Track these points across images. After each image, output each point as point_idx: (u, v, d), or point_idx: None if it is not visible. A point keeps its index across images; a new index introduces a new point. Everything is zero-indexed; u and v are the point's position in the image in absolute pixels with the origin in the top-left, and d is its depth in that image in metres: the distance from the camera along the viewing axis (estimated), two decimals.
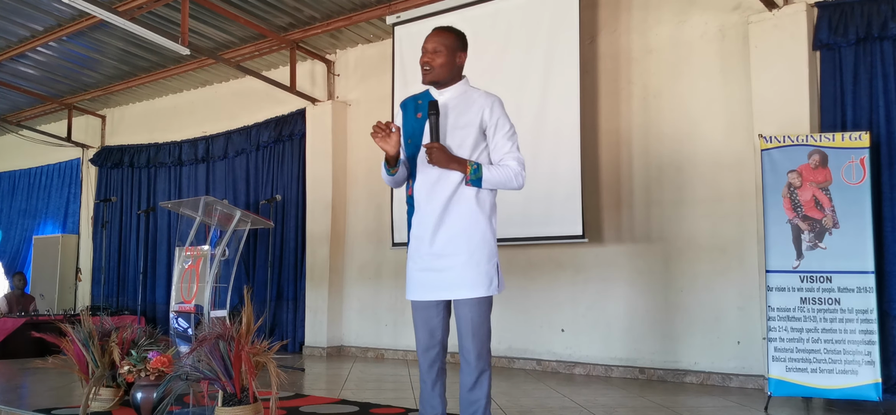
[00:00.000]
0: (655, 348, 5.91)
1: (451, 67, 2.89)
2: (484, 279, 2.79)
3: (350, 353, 7.84)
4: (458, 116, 2.86)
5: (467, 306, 2.79)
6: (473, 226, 2.81)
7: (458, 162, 2.78)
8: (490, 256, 2.83)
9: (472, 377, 2.80)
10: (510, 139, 2.85)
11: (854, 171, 4.55)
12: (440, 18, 6.89)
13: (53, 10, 7.30)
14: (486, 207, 2.85)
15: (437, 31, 2.93)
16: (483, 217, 2.83)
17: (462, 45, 2.93)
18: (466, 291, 2.78)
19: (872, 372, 4.35)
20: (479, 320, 2.81)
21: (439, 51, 2.86)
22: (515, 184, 2.83)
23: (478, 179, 2.78)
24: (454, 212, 2.81)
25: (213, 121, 9.43)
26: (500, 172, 2.81)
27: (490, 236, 2.85)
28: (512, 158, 2.83)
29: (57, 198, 11.30)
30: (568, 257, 6.43)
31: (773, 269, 4.64)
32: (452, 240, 2.80)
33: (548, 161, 6.18)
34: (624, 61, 6.30)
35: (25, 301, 9.18)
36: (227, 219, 3.96)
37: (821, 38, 5.23)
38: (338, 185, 8.03)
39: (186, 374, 3.27)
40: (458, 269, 2.78)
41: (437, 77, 2.88)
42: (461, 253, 2.79)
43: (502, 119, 2.86)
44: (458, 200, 2.81)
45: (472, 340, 2.79)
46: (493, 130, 2.85)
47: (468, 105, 2.88)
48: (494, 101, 2.89)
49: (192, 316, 3.80)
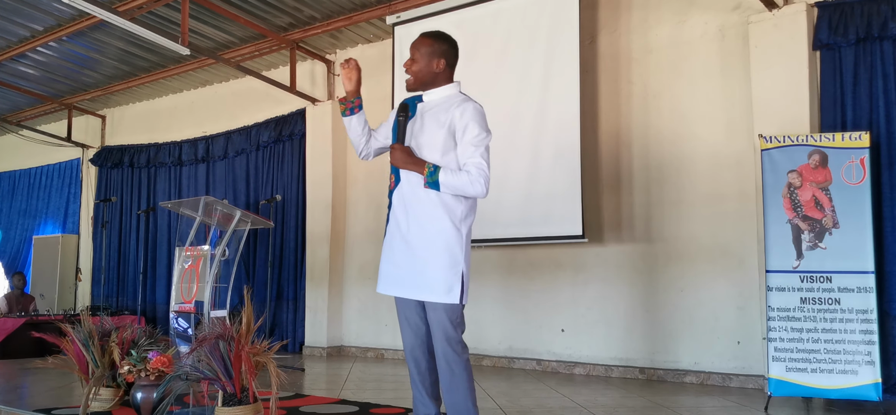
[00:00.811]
0: (656, 348, 5.91)
1: (428, 73, 2.91)
2: (441, 286, 2.78)
3: (350, 353, 7.84)
4: (433, 119, 2.87)
5: (431, 308, 2.83)
6: (437, 231, 2.81)
7: (416, 163, 2.82)
8: (452, 263, 2.79)
9: (446, 379, 2.83)
10: (475, 146, 2.78)
11: (854, 171, 4.55)
12: (440, 18, 6.90)
13: (53, 10, 7.30)
14: (456, 213, 2.82)
15: (418, 38, 2.96)
16: (449, 223, 2.81)
17: (441, 51, 2.91)
18: (425, 294, 2.82)
19: (872, 372, 4.35)
20: (441, 322, 2.81)
21: (415, 58, 2.92)
22: (472, 191, 2.77)
23: (435, 182, 2.78)
24: (419, 214, 2.84)
25: (213, 121, 9.43)
26: (458, 177, 2.77)
27: (454, 243, 2.81)
28: (473, 164, 2.78)
29: (57, 198, 11.30)
30: (568, 257, 6.43)
31: (773, 269, 4.64)
32: (416, 241, 2.83)
33: (548, 161, 6.19)
34: (624, 61, 6.30)
35: (25, 301, 9.18)
36: (227, 219, 3.96)
37: (821, 38, 5.23)
38: (338, 185, 8.03)
39: (186, 374, 3.27)
40: (419, 270, 2.82)
41: (412, 84, 2.94)
42: (423, 255, 2.82)
43: (471, 124, 2.80)
44: (423, 202, 2.83)
45: (437, 341, 2.82)
46: (461, 134, 2.81)
47: (445, 109, 2.88)
48: (467, 107, 2.84)
49: (192, 316, 3.80)
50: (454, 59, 2.96)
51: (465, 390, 2.80)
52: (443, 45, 2.93)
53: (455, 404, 2.81)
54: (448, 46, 2.94)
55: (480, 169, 2.76)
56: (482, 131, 2.81)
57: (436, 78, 2.92)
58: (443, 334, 2.80)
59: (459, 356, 2.80)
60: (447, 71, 2.94)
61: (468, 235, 2.87)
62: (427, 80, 2.92)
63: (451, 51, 2.94)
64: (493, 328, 6.81)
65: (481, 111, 2.87)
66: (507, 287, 6.77)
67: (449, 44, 2.95)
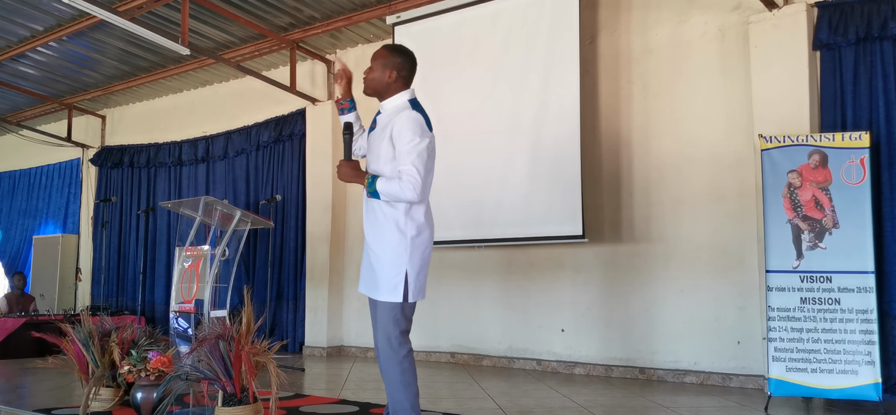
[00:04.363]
0: (656, 348, 5.91)
1: (380, 82, 3.05)
2: (385, 285, 2.96)
3: (350, 353, 7.84)
4: (382, 130, 3.03)
5: (374, 305, 3.03)
6: (384, 234, 2.98)
7: (358, 176, 3.02)
8: (394, 263, 2.95)
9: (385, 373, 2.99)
10: (407, 152, 2.89)
11: (854, 171, 4.55)
12: (440, 18, 6.91)
13: (53, 10, 7.30)
14: (399, 218, 2.96)
15: (378, 49, 3.13)
16: (393, 226, 2.96)
17: (395, 64, 3.05)
18: (372, 292, 3.02)
19: (872, 372, 4.35)
20: (379, 319, 2.98)
21: (372, 67, 3.09)
22: (403, 196, 2.90)
23: (374, 191, 2.96)
24: (371, 219, 3.04)
25: (213, 121, 9.43)
26: (390, 184, 2.91)
27: (397, 245, 2.95)
28: (404, 171, 2.90)
29: (57, 198, 11.30)
30: (568, 257, 6.43)
31: (773, 269, 4.64)
32: (371, 243, 3.04)
33: (548, 161, 6.19)
34: (624, 61, 6.30)
35: (25, 301, 9.18)
36: (227, 219, 3.96)
37: (821, 38, 5.23)
38: (338, 185, 8.02)
39: (186, 374, 3.27)
40: (373, 272, 3.01)
41: (365, 90, 3.10)
42: (375, 258, 3.01)
43: (405, 132, 2.91)
44: (372, 208, 3.02)
45: (377, 337, 3.00)
46: (397, 141, 2.94)
47: (390, 119, 3.01)
48: (403, 116, 2.96)
49: (192, 316, 3.80)
50: (409, 72, 3.09)
51: (400, 385, 2.93)
52: (397, 58, 3.07)
53: (391, 396, 2.96)
54: (402, 59, 3.08)
55: (410, 176, 2.88)
56: (415, 137, 2.91)
57: (388, 87, 3.06)
58: (382, 330, 2.96)
59: (396, 352, 2.94)
60: (400, 82, 3.07)
61: (416, 236, 2.98)
62: (380, 88, 3.07)
63: (404, 64, 3.07)
64: (493, 328, 6.81)
65: (416, 118, 2.97)
66: (507, 287, 6.77)
67: (404, 57, 3.09)
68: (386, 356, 2.94)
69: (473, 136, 6.57)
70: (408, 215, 2.96)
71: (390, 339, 2.94)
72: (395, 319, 2.95)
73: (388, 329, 2.94)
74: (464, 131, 6.56)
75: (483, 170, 6.54)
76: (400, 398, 2.92)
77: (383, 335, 2.95)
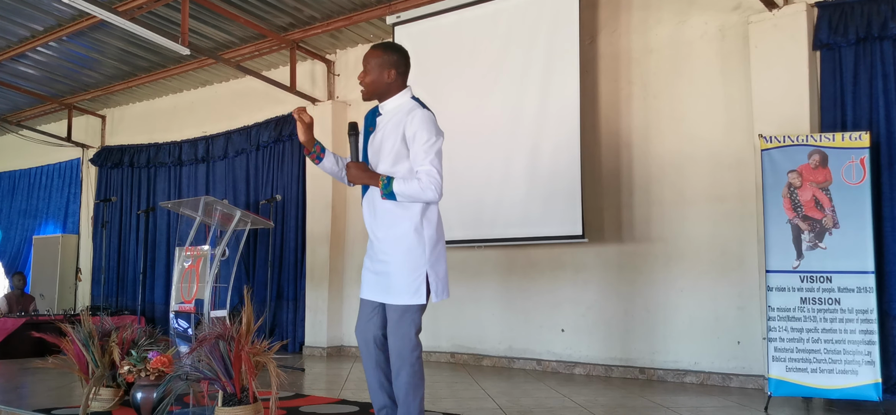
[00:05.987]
0: (656, 348, 5.91)
1: (380, 84, 2.99)
2: (405, 289, 2.90)
3: (350, 353, 7.84)
4: (389, 129, 2.98)
5: (390, 310, 2.95)
6: (399, 236, 2.93)
7: (372, 177, 2.95)
8: (414, 266, 2.90)
9: (394, 370, 2.95)
10: (425, 152, 2.86)
11: (854, 171, 4.55)
12: (440, 18, 6.91)
13: (53, 10, 7.30)
14: (415, 218, 2.92)
15: (368, 51, 3.05)
16: (411, 228, 2.91)
17: (391, 62, 2.99)
18: (391, 298, 2.94)
19: (872, 372, 4.35)
20: (398, 322, 2.92)
21: (367, 70, 3.01)
22: (424, 196, 2.87)
23: (390, 193, 2.89)
24: (383, 221, 2.97)
25: (213, 121, 9.43)
26: (410, 185, 2.86)
27: (416, 247, 2.91)
28: (423, 171, 2.86)
29: (57, 198, 11.30)
30: (568, 257, 6.43)
31: (773, 269, 4.64)
32: (383, 248, 2.97)
33: (548, 161, 6.19)
34: (624, 61, 6.30)
35: (25, 301, 9.18)
36: (227, 219, 3.96)
37: (821, 38, 5.23)
38: (338, 185, 8.02)
39: (186, 374, 3.27)
40: (386, 275, 2.94)
41: (365, 95, 3.04)
42: (389, 261, 2.94)
43: (420, 131, 2.88)
44: (384, 210, 2.95)
45: (392, 338, 2.94)
46: (412, 141, 2.90)
47: (398, 118, 2.97)
48: (416, 115, 2.92)
49: (192, 316, 3.80)
50: (405, 68, 3.05)
51: (410, 387, 2.90)
52: (393, 56, 3.01)
53: (397, 391, 2.93)
54: (398, 56, 3.03)
55: (430, 175, 2.85)
56: (431, 136, 2.89)
57: (389, 88, 3.01)
58: (399, 333, 2.90)
59: (411, 354, 2.91)
60: (399, 80, 3.02)
61: (433, 236, 2.95)
62: (380, 90, 3.01)
63: (401, 61, 3.03)
64: (493, 328, 6.81)
65: (430, 116, 2.95)
66: (507, 287, 6.77)
67: (399, 54, 3.04)
68: (400, 358, 2.90)
69: (473, 136, 6.57)
70: (424, 216, 2.93)
71: (408, 340, 2.89)
72: (414, 320, 2.92)
73: (408, 331, 2.90)
74: (464, 131, 6.56)
75: (483, 170, 6.54)
76: (408, 401, 2.89)
77: (399, 337, 2.90)
